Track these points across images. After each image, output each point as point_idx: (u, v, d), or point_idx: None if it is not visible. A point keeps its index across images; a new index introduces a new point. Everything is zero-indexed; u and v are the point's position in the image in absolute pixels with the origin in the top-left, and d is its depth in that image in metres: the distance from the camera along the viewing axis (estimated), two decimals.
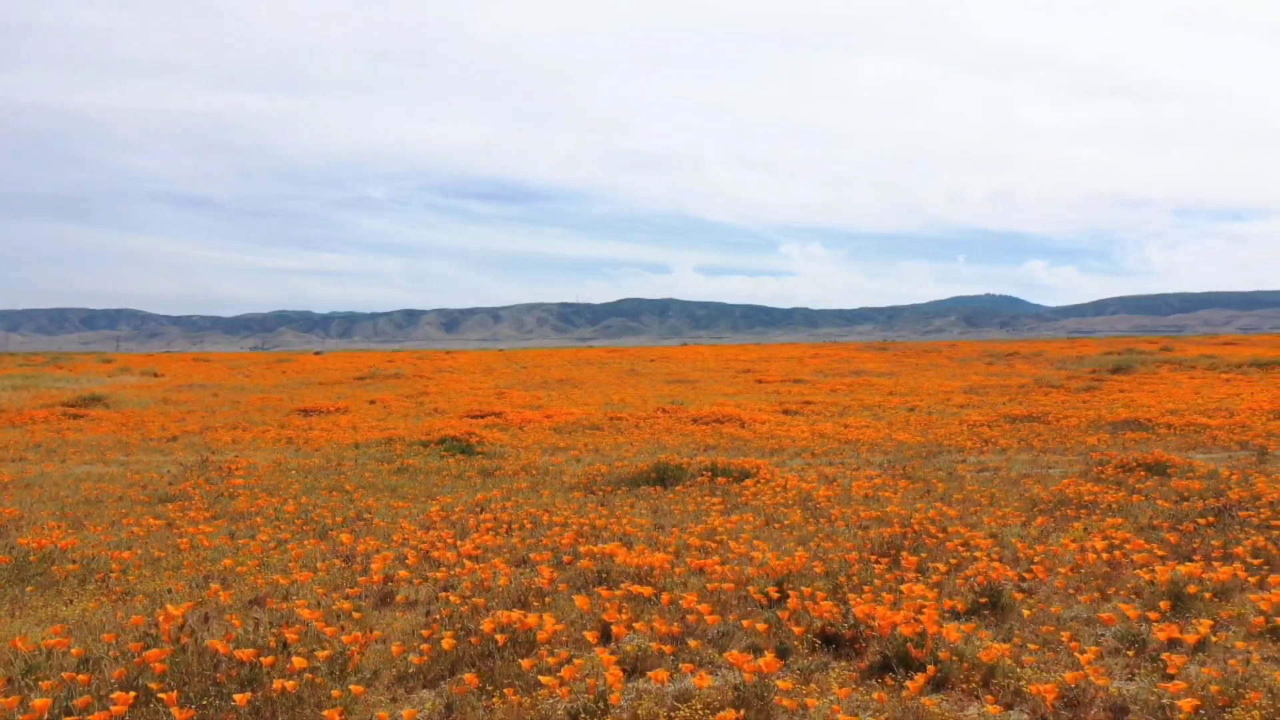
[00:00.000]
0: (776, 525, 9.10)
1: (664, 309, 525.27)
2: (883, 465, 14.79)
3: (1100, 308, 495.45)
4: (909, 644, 4.89)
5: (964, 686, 4.72)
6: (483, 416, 26.48)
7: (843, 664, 5.12)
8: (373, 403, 33.57)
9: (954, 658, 4.87)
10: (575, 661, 4.59)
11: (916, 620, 5.13)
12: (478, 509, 10.16)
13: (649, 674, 4.66)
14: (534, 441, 19.55)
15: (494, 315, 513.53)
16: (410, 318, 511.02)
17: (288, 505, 10.53)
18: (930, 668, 4.65)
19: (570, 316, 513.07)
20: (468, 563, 7.22)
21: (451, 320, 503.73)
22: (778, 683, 4.49)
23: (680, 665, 4.80)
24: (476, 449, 17.41)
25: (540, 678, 4.52)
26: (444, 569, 7.17)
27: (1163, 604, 5.75)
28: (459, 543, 8.12)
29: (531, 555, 7.61)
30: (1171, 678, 4.61)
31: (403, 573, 6.95)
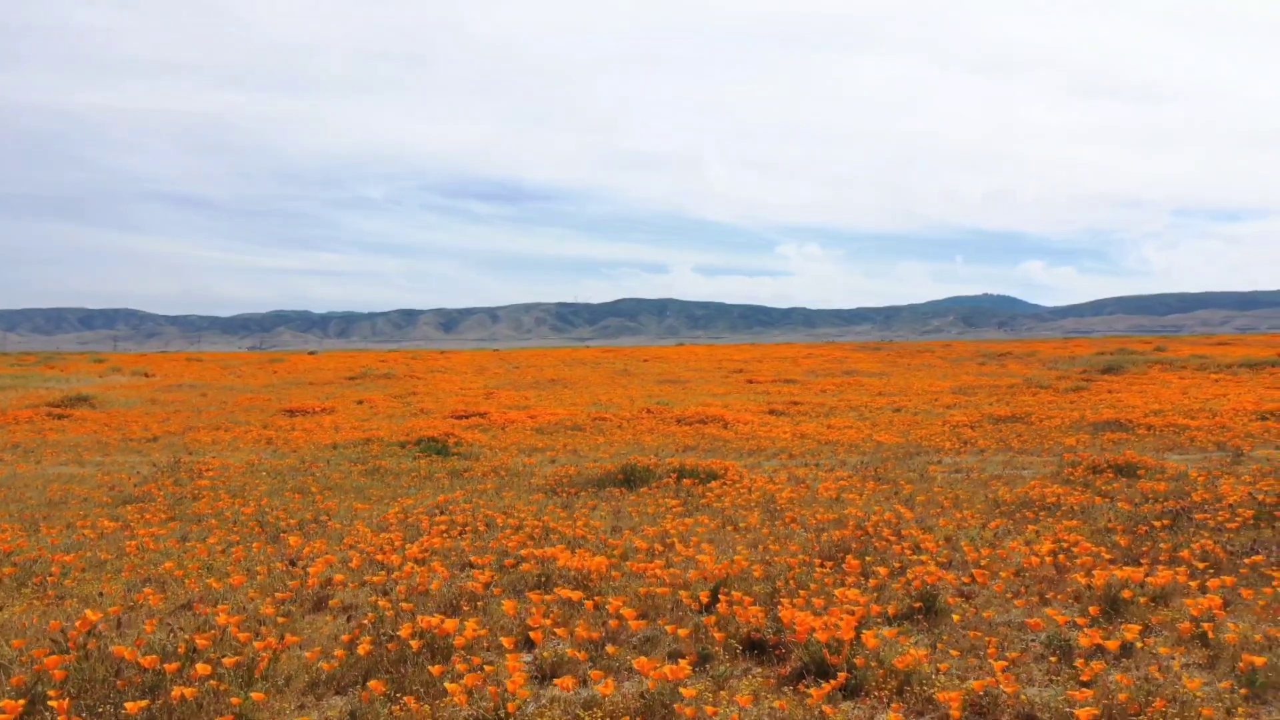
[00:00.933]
0: (730, 528, 9.04)
1: (662, 309, 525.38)
2: (857, 466, 14.74)
3: (1098, 308, 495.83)
4: (825, 650, 4.83)
5: (878, 694, 4.66)
6: (467, 417, 26.42)
7: (763, 671, 5.06)
8: (360, 403, 33.49)
9: (870, 664, 4.81)
10: (487, 668, 4.53)
11: (836, 626, 5.07)
12: (436, 511, 10.10)
13: (556, 681, 4.60)
14: (513, 442, 19.49)
15: (492, 315, 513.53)
16: (408, 318, 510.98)
17: (246, 507, 10.46)
18: (841, 675, 4.59)
19: (568, 316, 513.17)
20: (411, 566, 7.16)
21: (450, 320, 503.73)
22: (683, 690, 4.42)
23: (590, 672, 4.74)
24: (453, 450, 17.36)
25: (447, 685, 4.45)
26: (384, 573, 7.11)
27: (1092, 609, 5.68)
28: (406, 546, 8.06)
29: (474, 559, 7.54)
30: (1087, 685, 4.55)
31: (339, 576, 6.88)
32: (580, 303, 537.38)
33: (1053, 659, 5.12)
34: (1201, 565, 6.78)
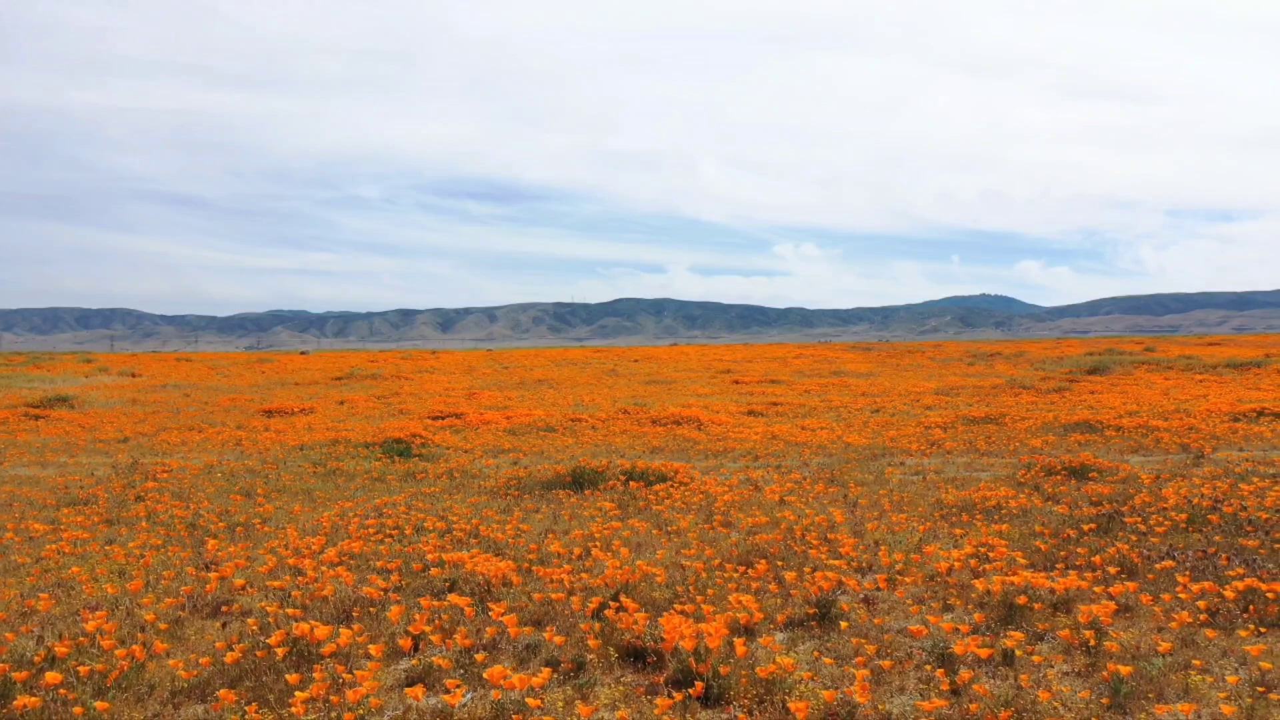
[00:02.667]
0: (658, 531, 8.97)
1: (659, 309, 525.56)
2: (817, 468, 14.69)
3: (1095, 308, 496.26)
4: (691, 659, 4.77)
5: (741, 702, 4.60)
6: (444, 418, 26.35)
7: (636, 679, 4.99)
8: (342, 403, 33.43)
9: (735, 673, 4.74)
10: (347, 676, 4.47)
11: (708, 634, 5.00)
12: (373, 514, 10.03)
13: (407, 690, 4.53)
14: (482, 444, 19.43)
15: (489, 315, 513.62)
16: (405, 317, 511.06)
17: (182, 510, 10.38)
18: (698, 684, 4.53)
19: (565, 316, 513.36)
20: (324, 570, 7.09)
21: (447, 320, 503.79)
22: (529, 700, 4.36)
23: (447, 681, 4.68)
24: (416, 451, 17.30)
25: (298, 694, 4.39)
26: (287, 577, 7.04)
27: (978, 616, 5.62)
28: (325, 550, 7.99)
29: (388, 563, 7.46)
30: (951, 694, 4.49)
31: (239, 581, 6.81)
32: (577, 303, 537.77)
33: (927, 668, 5.05)
34: (1114, 571, 6.71)
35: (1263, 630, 5.58)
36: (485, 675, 4.48)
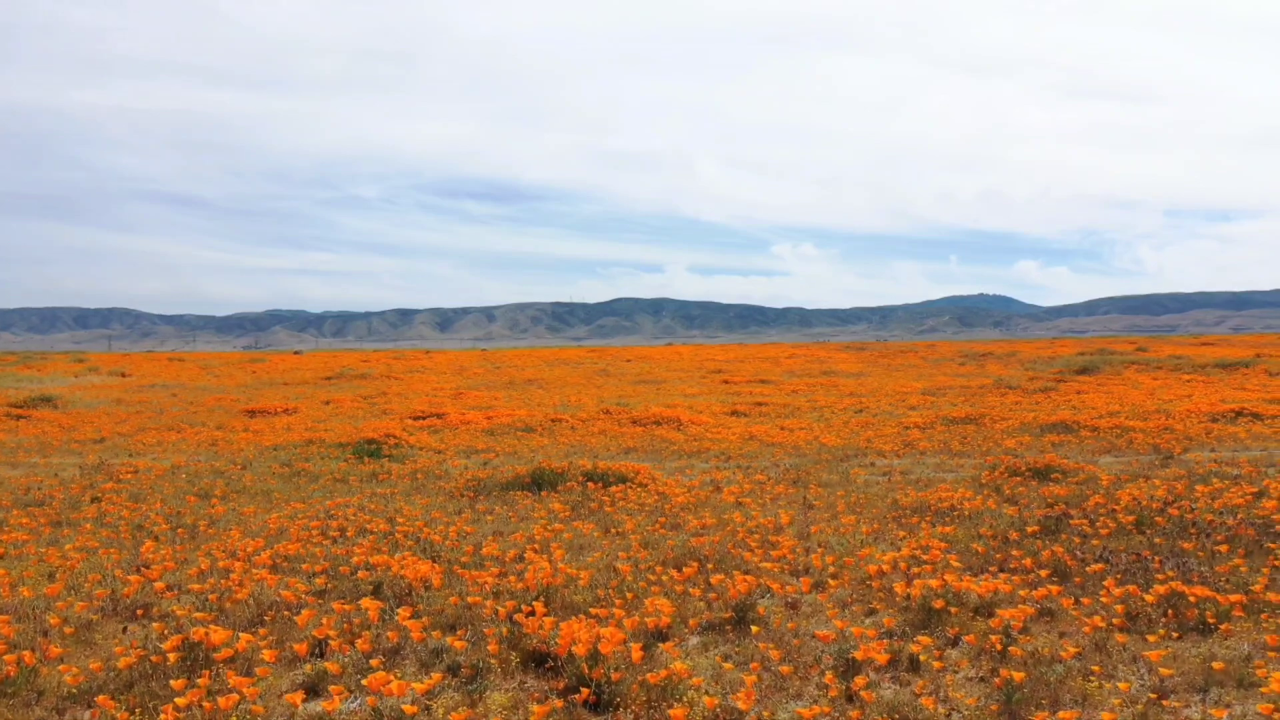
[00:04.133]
0: (599, 533, 8.91)
1: (658, 308, 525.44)
2: (786, 469, 14.64)
3: (1093, 308, 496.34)
4: (584, 664, 4.72)
5: (632, 709, 4.55)
6: (424, 418, 26.29)
7: (538, 684, 4.95)
8: (327, 403, 33.38)
9: (628, 679, 4.70)
10: (236, 682, 4.43)
11: (605, 639, 4.95)
12: (325, 515, 9.99)
13: (286, 696, 4.49)
14: (457, 444, 19.39)
15: (488, 315, 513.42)
16: (404, 317, 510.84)
17: (125, 513, 10.32)
18: (584, 690, 4.48)
19: (564, 316, 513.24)
20: (255, 572, 7.04)
21: (445, 320, 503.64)
22: (405, 707, 4.31)
23: (330, 687, 4.64)
24: (387, 452, 17.24)
25: (176, 699, 4.35)
26: (211, 580, 6.99)
27: (886, 621, 5.57)
28: (260, 553, 7.93)
29: (307, 566, 7.41)
30: (842, 700, 4.44)
31: (160, 585, 6.77)
32: (576, 302, 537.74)
33: (827, 674, 5.00)
34: (1045, 574, 6.66)
35: (1175, 635, 5.53)
36: (365, 682, 4.44)
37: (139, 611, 6.31)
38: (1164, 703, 4.51)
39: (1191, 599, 5.81)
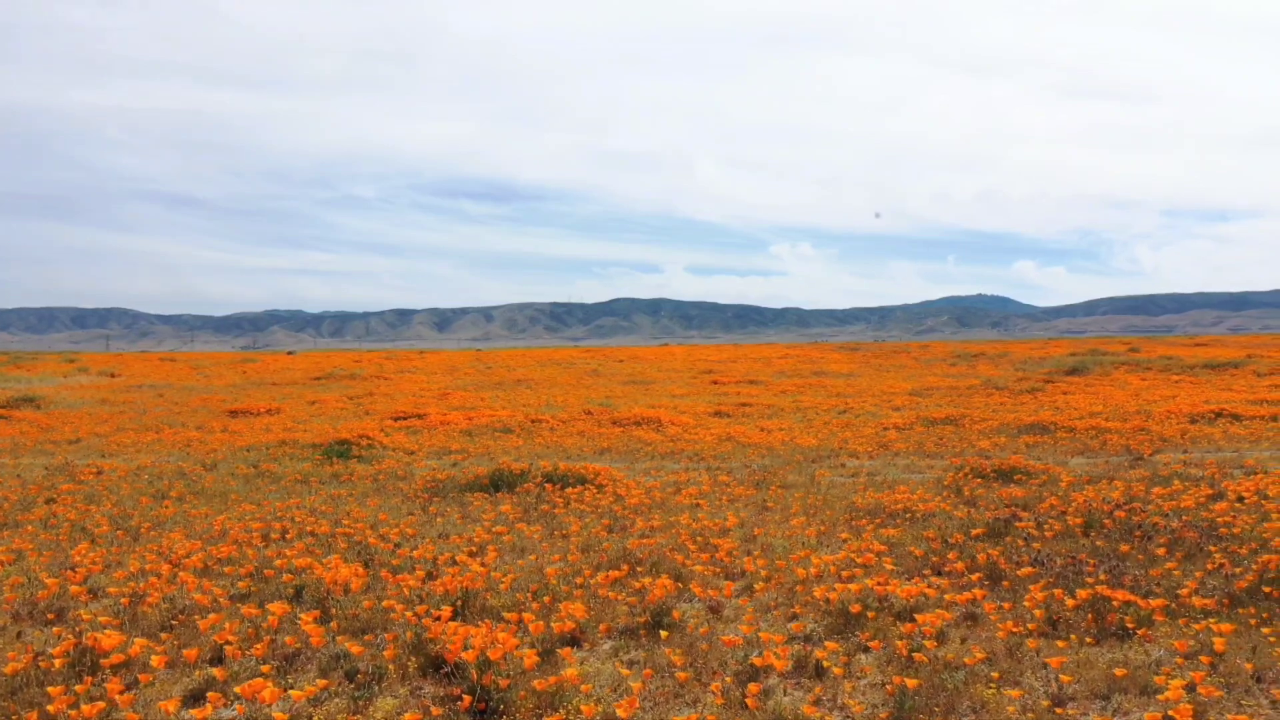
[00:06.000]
0: (538, 537, 8.83)
1: (656, 309, 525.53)
2: (755, 470, 14.58)
3: (1091, 308, 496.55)
4: (472, 670, 4.65)
5: (518, 716, 4.48)
6: (406, 418, 26.22)
7: (434, 690, 4.87)
8: (313, 403, 33.29)
9: (516, 685, 4.63)
10: (116, 687, 4.36)
11: (497, 645, 4.88)
12: (273, 516, 9.91)
13: (159, 704, 4.43)
14: (432, 445, 19.31)
15: (486, 315, 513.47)
16: (402, 317, 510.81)
17: (71, 515, 10.23)
18: (465, 698, 4.41)
19: (562, 316, 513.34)
20: (181, 575, 6.96)
21: (444, 320, 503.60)
22: (274, 714, 4.25)
23: (209, 694, 4.57)
24: (357, 453, 17.16)
25: (48, 707, 4.29)
26: (131, 584, 6.92)
27: (795, 626, 5.49)
28: (191, 555, 7.85)
29: (231, 569, 7.33)
30: (725, 709, 4.37)
31: (75, 589, 6.69)
32: (574, 302, 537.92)
33: (715, 684, 4.91)
34: (976, 577, 6.58)
35: (1090, 641, 5.46)
36: (238, 689, 4.37)
37: (50, 615, 6.24)
38: (1058, 710, 4.44)
39: (1115, 603, 5.74)
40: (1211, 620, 5.48)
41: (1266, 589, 6.04)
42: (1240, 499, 9.70)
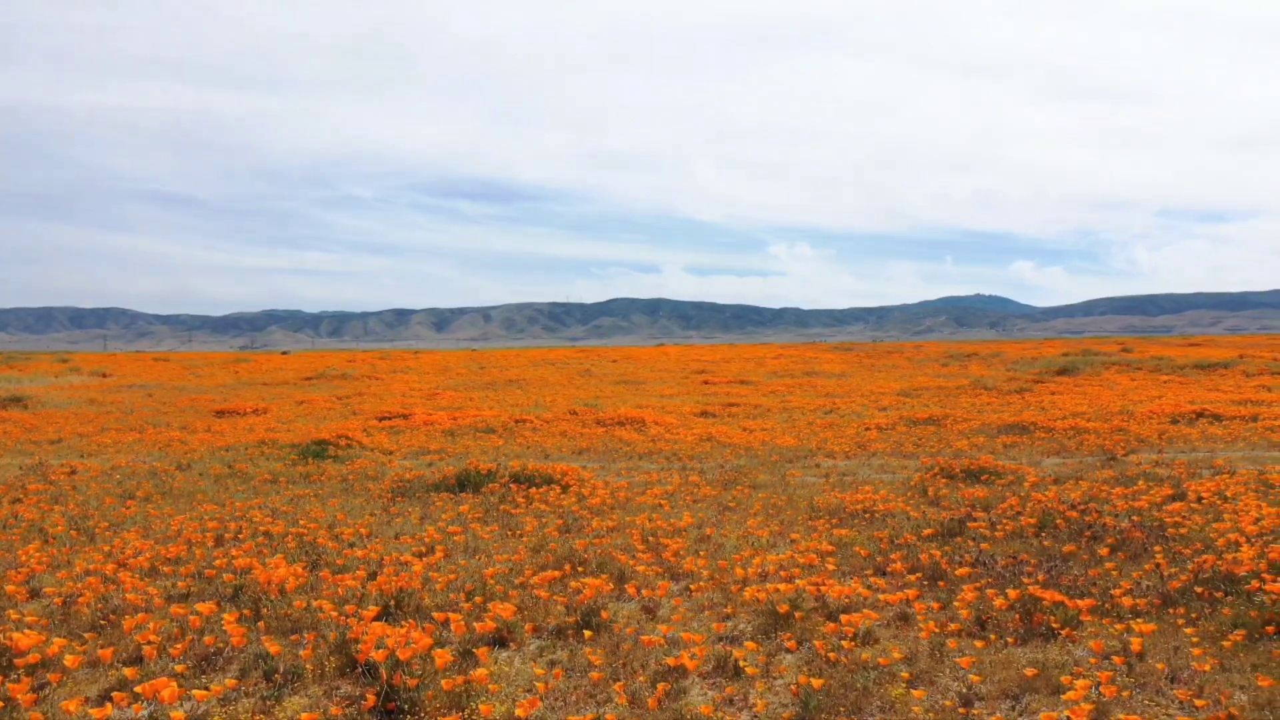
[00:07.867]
0: (489, 536, 8.83)
1: (654, 309, 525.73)
2: (729, 470, 14.58)
3: (1089, 308, 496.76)
4: (382, 669, 4.66)
5: (425, 716, 4.48)
6: (390, 418, 26.21)
7: (351, 690, 4.88)
8: (301, 404, 33.28)
9: (424, 685, 4.63)
10: (17, 688, 4.37)
11: (409, 644, 4.89)
12: (232, 517, 9.91)
13: (63, 704, 4.44)
14: (412, 445, 19.30)
15: (485, 315, 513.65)
16: (400, 317, 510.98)
17: (34, 514, 10.24)
18: (370, 697, 4.42)
19: (561, 316, 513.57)
20: (122, 575, 6.97)
21: (442, 320, 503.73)
22: (172, 715, 4.25)
23: (114, 694, 4.58)
24: (334, 453, 17.15)
25: None
26: (70, 584, 6.92)
27: (717, 626, 5.49)
28: (138, 555, 7.85)
29: (170, 570, 7.32)
30: (626, 708, 4.37)
31: (12, 589, 6.69)
32: (573, 303, 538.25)
33: (642, 680, 4.92)
34: (915, 578, 6.59)
35: (1012, 641, 5.46)
36: (138, 689, 4.38)
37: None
38: (963, 710, 4.44)
39: (1044, 603, 5.75)
40: (1136, 620, 5.48)
41: (1199, 589, 6.05)
42: (1199, 499, 9.71)
